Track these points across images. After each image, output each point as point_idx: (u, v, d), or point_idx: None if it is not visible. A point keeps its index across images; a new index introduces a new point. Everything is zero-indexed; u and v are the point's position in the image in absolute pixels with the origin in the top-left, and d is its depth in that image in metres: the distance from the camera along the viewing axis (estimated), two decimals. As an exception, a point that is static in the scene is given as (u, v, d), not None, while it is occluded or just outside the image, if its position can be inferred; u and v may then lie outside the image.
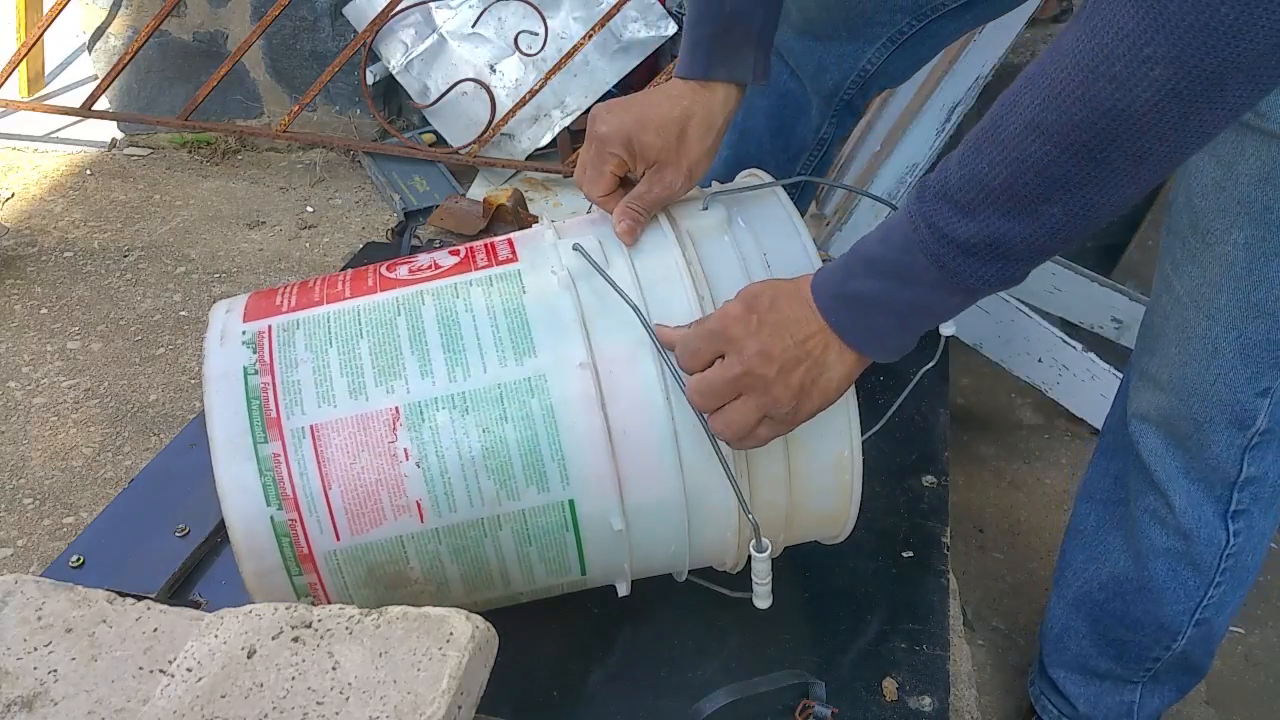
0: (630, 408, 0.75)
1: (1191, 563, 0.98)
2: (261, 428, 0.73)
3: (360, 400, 0.74)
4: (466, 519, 0.74)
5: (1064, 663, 1.15)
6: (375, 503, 0.73)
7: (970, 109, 1.60)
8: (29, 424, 1.71)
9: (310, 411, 0.74)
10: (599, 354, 0.75)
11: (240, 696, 0.60)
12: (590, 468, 0.74)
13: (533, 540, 0.76)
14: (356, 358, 0.75)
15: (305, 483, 0.72)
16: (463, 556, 0.76)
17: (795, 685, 0.83)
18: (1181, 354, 0.89)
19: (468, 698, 0.61)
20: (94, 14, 2.46)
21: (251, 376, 0.75)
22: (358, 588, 0.75)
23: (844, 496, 0.81)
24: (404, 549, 0.74)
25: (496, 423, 0.74)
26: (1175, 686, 1.13)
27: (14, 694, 0.62)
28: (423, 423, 0.73)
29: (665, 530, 0.78)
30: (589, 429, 0.74)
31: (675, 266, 0.79)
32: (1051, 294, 1.78)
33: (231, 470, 0.73)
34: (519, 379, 0.74)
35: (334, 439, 0.73)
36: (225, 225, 2.27)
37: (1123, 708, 1.13)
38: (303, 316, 0.79)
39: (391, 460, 0.73)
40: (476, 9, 2.32)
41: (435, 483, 0.73)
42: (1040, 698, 1.20)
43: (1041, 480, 1.67)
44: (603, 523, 0.76)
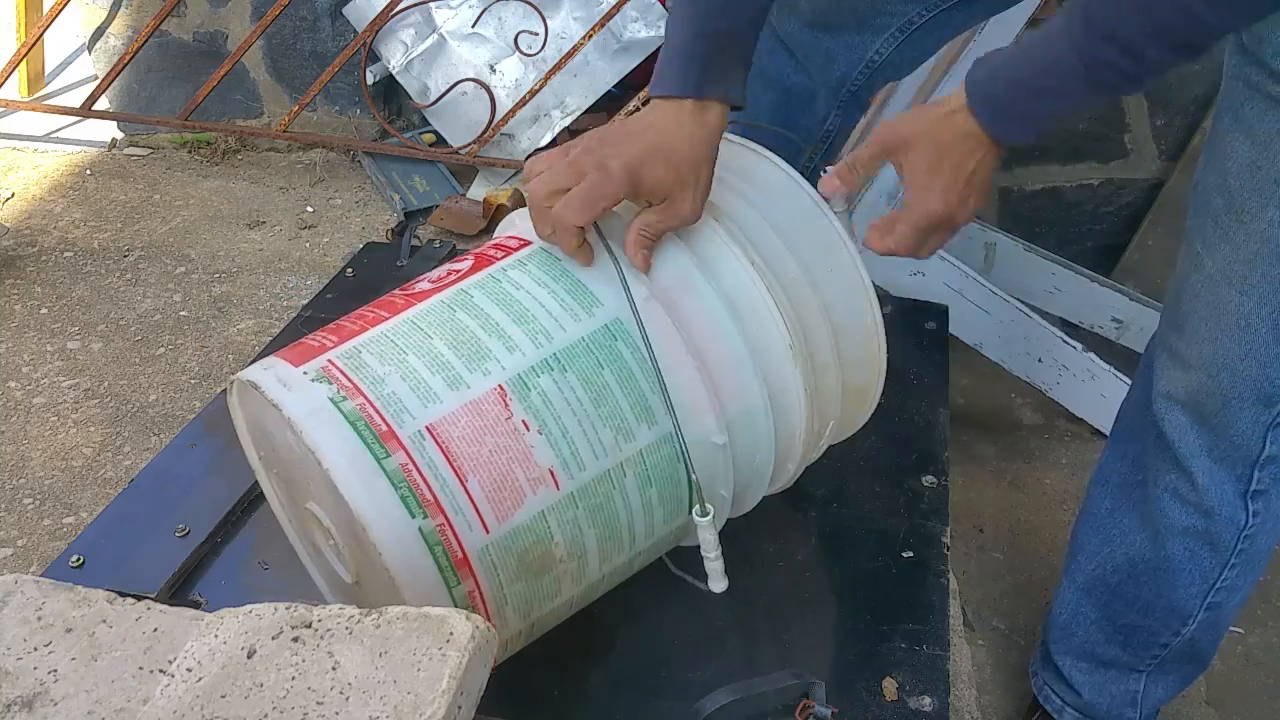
0: (702, 328, 0.79)
1: (1210, 542, 0.99)
2: (379, 444, 0.70)
3: (462, 389, 0.73)
4: (595, 474, 0.76)
5: (1070, 650, 1.15)
6: (512, 481, 0.73)
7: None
8: (29, 424, 1.71)
9: (419, 414, 0.72)
10: (657, 287, 0.79)
11: (240, 696, 0.60)
12: (685, 390, 0.78)
13: (653, 480, 0.79)
14: (439, 356, 0.74)
15: (442, 482, 0.70)
16: (598, 516, 0.77)
17: (795, 685, 0.83)
18: (1212, 330, 0.90)
19: (468, 698, 0.61)
20: (94, 14, 2.46)
21: (343, 403, 0.72)
22: (511, 584, 0.74)
23: (874, 367, 0.90)
24: (547, 523, 0.74)
25: (594, 370, 0.76)
26: (1179, 677, 1.14)
27: (14, 694, 0.62)
28: (529, 391, 0.74)
29: (755, 440, 0.82)
30: (674, 356, 0.77)
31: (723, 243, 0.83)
32: (1051, 294, 1.78)
33: (366, 494, 0.69)
34: (597, 328, 0.77)
35: (453, 431, 0.72)
36: (225, 225, 2.28)
37: (1127, 696, 1.13)
38: (359, 342, 0.76)
39: (515, 435, 0.73)
40: (476, 9, 2.32)
41: (560, 444, 0.74)
42: (1044, 688, 1.20)
43: (1041, 480, 1.67)
44: (707, 444, 0.79)
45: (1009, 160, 2.01)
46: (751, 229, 0.84)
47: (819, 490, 1.04)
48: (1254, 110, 0.82)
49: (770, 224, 0.85)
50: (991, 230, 1.83)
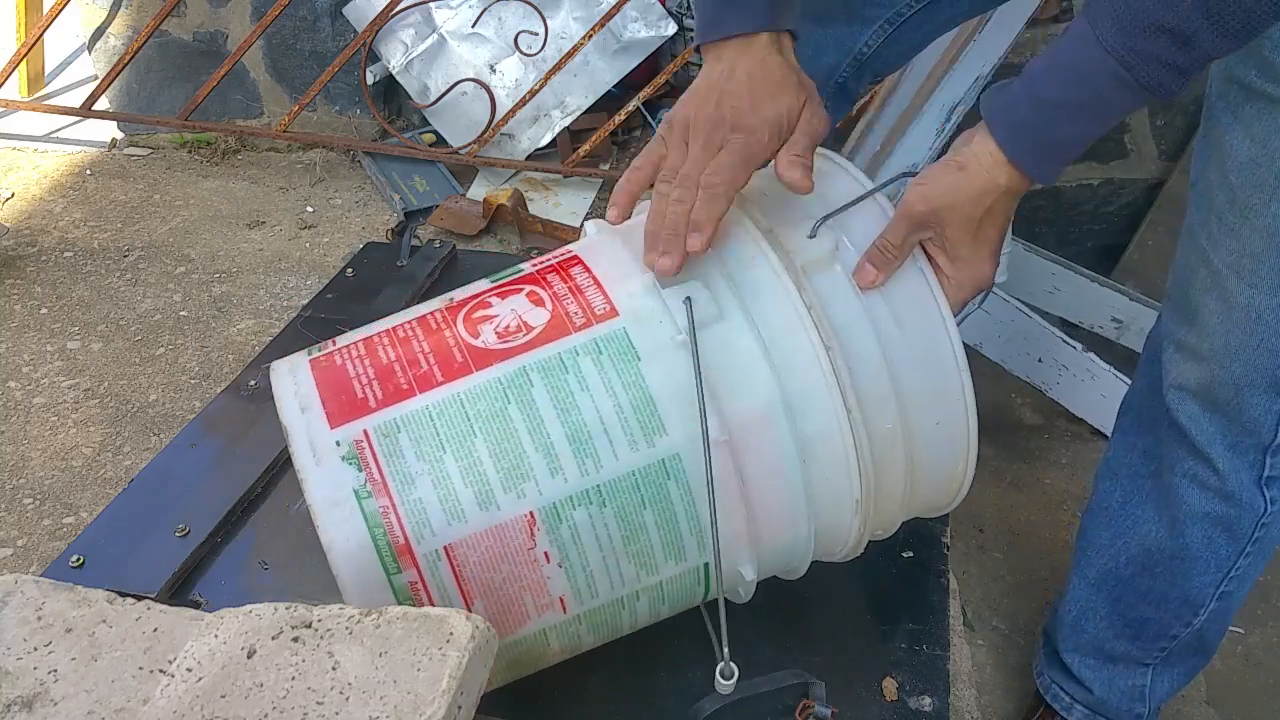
0: (763, 472, 0.73)
1: (1228, 528, 1.00)
2: (392, 557, 0.68)
3: (492, 510, 0.69)
4: (607, 600, 0.74)
5: (1079, 646, 1.16)
6: (519, 607, 0.72)
7: (971, 108, 1.60)
8: (29, 424, 1.71)
9: (440, 532, 0.69)
10: (731, 422, 0.72)
11: (240, 696, 0.60)
12: (726, 534, 0.73)
13: (666, 601, 0.77)
14: (477, 463, 0.70)
15: (447, 602, 0.70)
16: (600, 630, 0.77)
17: (795, 685, 0.83)
18: (1223, 323, 0.91)
19: (468, 698, 0.61)
20: (94, 14, 2.46)
21: (366, 500, 0.68)
22: (500, 674, 0.76)
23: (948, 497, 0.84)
24: (546, 638, 0.74)
25: (635, 510, 0.71)
26: (1185, 669, 1.14)
27: (14, 694, 0.62)
28: (560, 524, 0.70)
29: (787, 560, 0.81)
30: (725, 500, 0.72)
31: (795, 314, 0.74)
32: (1051, 294, 1.78)
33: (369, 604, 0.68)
34: (652, 462, 0.71)
35: (470, 555, 0.69)
36: (225, 225, 2.28)
37: (1135, 691, 1.14)
38: (399, 416, 0.71)
39: (533, 566, 0.70)
40: (476, 9, 2.32)
41: (577, 577, 0.72)
42: (1051, 686, 1.20)
43: (1041, 480, 1.67)
44: (733, 573, 0.78)
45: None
46: (863, 363, 0.74)
47: (819, 490, 1.04)
48: (1253, 109, 0.82)
49: (886, 356, 0.75)
50: (991, 230, 1.83)
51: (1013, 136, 0.71)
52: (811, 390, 0.72)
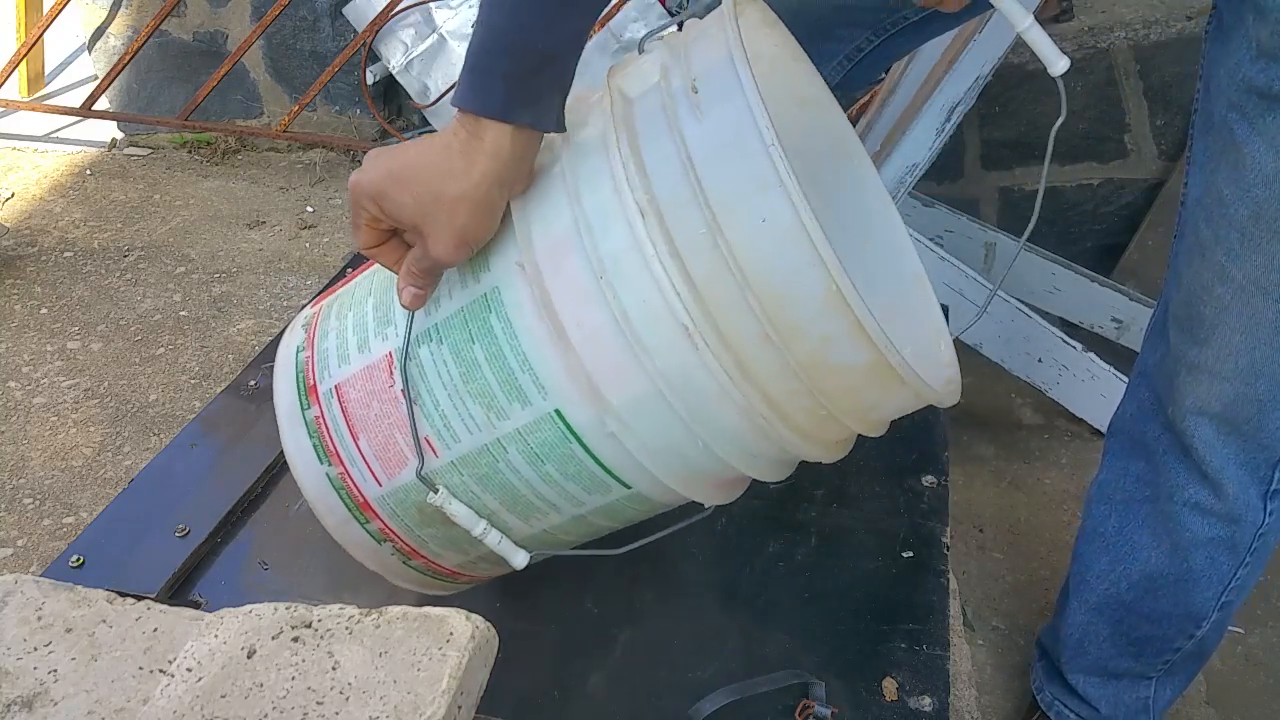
0: (574, 298, 0.68)
1: (1230, 547, 0.99)
2: (305, 396, 0.80)
3: (366, 353, 0.78)
4: (472, 447, 0.74)
5: (1084, 667, 1.15)
6: (393, 445, 0.76)
7: (970, 109, 1.60)
8: (29, 424, 1.71)
9: (334, 373, 0.79)
10: (536, 248, 0.70)
11: (240, 696, 0.60)
12: (556, 371, 0.70)
13: (544, 459, 0.74)
14: (364, 316, 0.80)
15: (340, 437, 0.77)
16: (490, 483, 0.75)
17: (795, 685, 0.83)
18: (1248, 341, 0.89)
19: (468, 698, 0.61)
20: (94, 14, 2.46)
21: (300, 354, 0.82)
22: (421, 528, 0.79)
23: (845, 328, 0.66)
24: (434, 485, 0.76)
25: (466, 345, 0.73)
26: (1186, 675, 1.14)
27: (14, 694, 0.62)
28: (410, 360, 0.75)
29: (671, 428, 0.71)
30: (544, 332, 0.69)
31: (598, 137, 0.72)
32: (1051, 294, 1.78)
33: (291, 438, 0.80)
34: (476, 296, 0.73)
35: (352, 393, 0.77)
36: (225, 225, 2.28)
37: (1139, 704, 1.13)
38: (341, 291, 0.85)
39: (395, 403, 0.76)
40: (476, 9, 2.32)
41: (433, 416, 0.74)
42: (1055, 704, 1.20)
43: (1041, 480, 1.67)
44: (600, 434, 0.71)
45: (1009, 160, 2.01)
46: (658, 160, 0.68)
47: (819, 490, 1.04)
48: (1276, 118, 0.80)
49: (686, 154, 0.67)
50: (991, 230, 1.84)
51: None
52: (606, 208, 0.68)
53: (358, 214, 0.71)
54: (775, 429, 0.71)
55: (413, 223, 0.69)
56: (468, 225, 0.69)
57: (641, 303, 0.67)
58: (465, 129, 0.68)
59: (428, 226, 0.68)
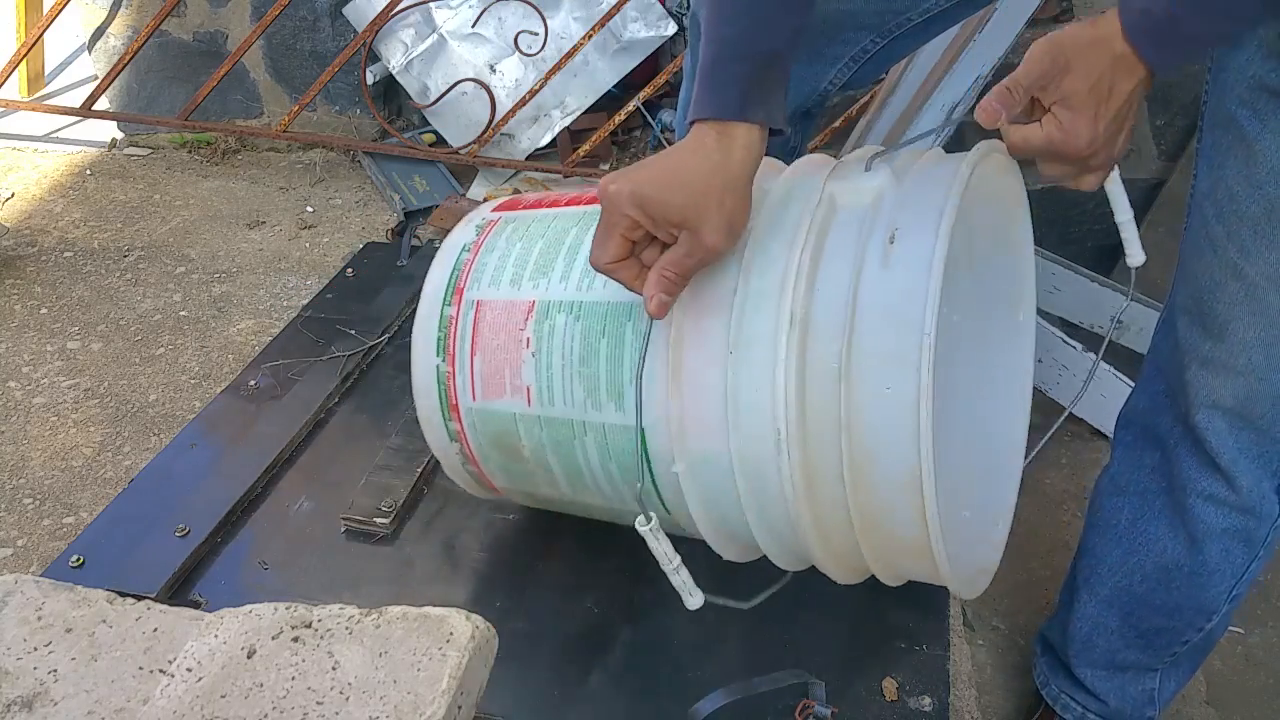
0: (701, 356, 0.76)
1: (1246, 539, 0.99)
2: (452, 292, 0.88)
3: (515, 289, 0.85)
4: (561, 415, 0.82)
5: (1092, 661, 1.15)
6: (500, 377, 0.85)
7: (970, 109, 1.60)
8: (29, 424, 1.71)
9: (482, 289, 0.87)
10: (691, 298, 0.77)
11: (240, 696, 0.60)
12: (658, 403, 0.77)
13: (613, 457, 0.82)
14: (529, 255, 0.87)
15: (462, 345, 0.86)
16: (560, 452, 0.84)
17: (795, 685, 0.83)
18: (1262, 336, 0.89)
19: (468, 698, 0.61)
20: (94, 14, 2.46)
21: (464, 253, 0.90)
22: (488, 447, 0.88)
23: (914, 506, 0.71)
24: (515, 425, 0.85)
25: (595, 336, 0.81)
26: (1191, 666, 1.14)
27: (14, 694, 0.62)
28: (546, 319, 0.83)
29: (722, 490, 0.78)
30: (663, 364, 0.77)
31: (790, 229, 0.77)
32: (1051, 294, 1.78)
33: (424, 324, 0.89)
34: (623, 301, 0.80)
35: (488, 315, 0.86)
36: (225, 225, 2.27)
37: (1145, 695, 1.14)
38: (522, 215, 0.92)
39: (517, 345, 0.84)
40: (476, 9, 2.32)
41: (542, 374, 0.82)
42: (1061, 697, 1.20)
43: (1041, 480, 1.67)
44: (666, 466, 0.79)
45: (1009, 160, 2.01)
46: (828, 284, 0.74)
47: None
48: None
49: (853, 293, 0.72)
50: (991, 230, 1.83)
51: (1135, 20, 0.72)
52: (766, 291, 0.74)
53: (614, 225, 0.73)
54: (810, 543, 0.77)
55: (681, 218, 0.72)
56: (735, 212, 0.73)
57: (753, 389, 0.73)
58: (713, 131, 0.73)
59: (698, 219, 0.72)
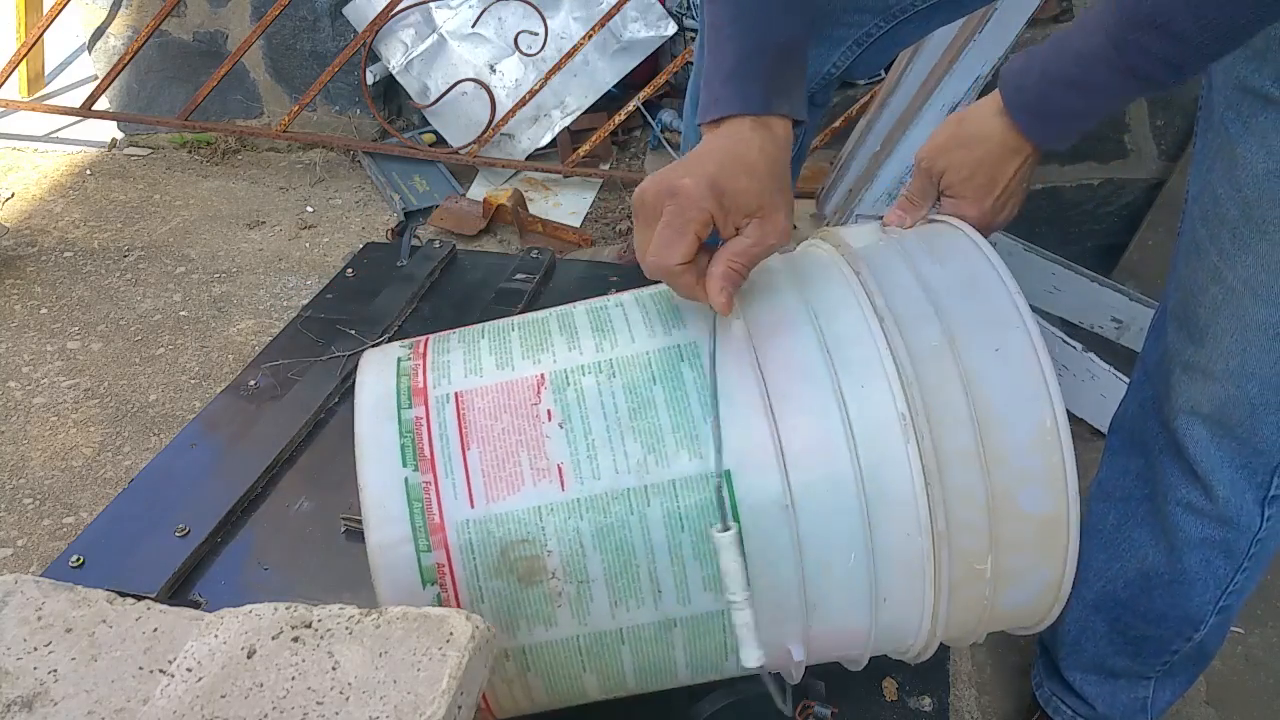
0: (787, 370, 0.70)
1: (1226, 551, 0.99)
2: (408, 395, 0.74)
3: (507, 370, 0.74)
4: (611, 488, 0.68)
5: (1081, 664, 1.15)
6: (514, 464, 0.69)
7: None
8: (29, 424, 1.71)
9: (456, 381, 0.74)
10: (750, 321, 0.72)
11: (240, 696, 0.60)
12: (746, 432, 0.68)
13: (685, 524, 0.68)
14: (507, 343, 0.77)
15: (444, 444, 0.71)
16: (606, 542, 0.68)
17: (795, 685, 0.83)
18: (1239, 343, 0.88)
19: (468, 698, 0.61)
20: (94, 14, 2.46)
21: (404, 361, 0.78)
22: (489, 576, 0.69)
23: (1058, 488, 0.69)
24: (541, 522, 0.68)
25: (645, 385, 0.71)
26: (1186, 677, 1.14)
27: (14, 694, 0.62)
28: (568, 386, 0.71)
29: (838, 523, 0.68)
30: (744, 391, 0.69)
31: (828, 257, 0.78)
32: (1051, 294, 1.78)
33: (373, 430, 0.72)
34: (668, 346, 0.72)
35: (477, 402, 0.72)
36: (225, 225, 2.27)
37: (1137, 704, 1.13)
38: (459, 330, 0.82)
39: (534, 420, 0.70)
40: (476, 9, 2.32)
41: (579, 444, 0.69)
42: (1052, 700, 1.20)
43: (1041, 480, 1.67)
44: (766, 504, 0.67)
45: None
46: (895, 286, 0.73)
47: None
48: (1269, 119, 0.80)
49: (926, 288, 0.73)
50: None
51: (1015, 95, 0.76)
52: (837, 300, 0.73)
53: (688, 220, 0.70)
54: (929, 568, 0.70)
55: (757, 205, 0.71)
56: (790, 202, 0.74)
57: (860, 387, 0.68)
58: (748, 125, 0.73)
59: (770, 206, 0.71)
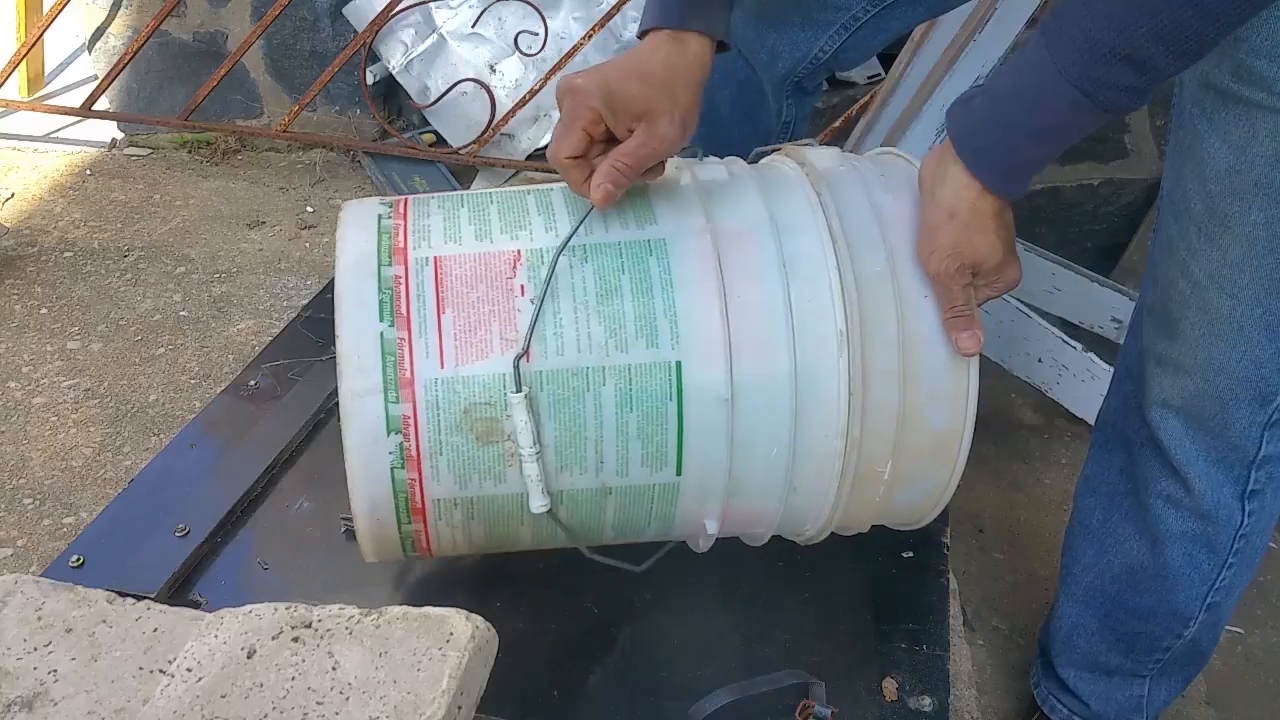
0: (745, 275, 0.75)
1: (1208, 545, 0.99)
2: (389, 254, 0.76)
3: (485, 243, 0.77)
4: (572, 364, 0.73)
5: (1074, 661, 1.15)
6: (485, 332, 0.74)
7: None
8: (29, 424, 1.71)
9: (436, 246, 0.77)
10: (717, 226, 0.77)
11: (240, 696, 0.60)
12: (700, 327, 0.74)
13: (634, 404, 0.74)
14: (486, 216, 0.79)
15: (421, 304, 0.74)
16: (561, 412, 0.74)
17: (795, 685, 0.83)
18: (1206, 335, 0.89)
19: (468, 698, 0.62)
20: (94, 14, 2.46)
21: (385, 220, 0.79)
22: (450, 432, 0.73)
23: (958, 409, 0.80)
24: (504, 390, 0.73)
25: (614, 273, 0.75)
26: (1182, 677, 1.14)
27: (14, 694, 0.62)
28: (542, 264, 0.75)
29: (770, 418, 0.76)
30: (703, 289, 0.75)
31: (791, 172, 0.82)
32: (1051, 294, 1.78)
33: (352, 285, 0.75)
34: (639, 239, 0.77)
35: (454, 269, 0.76)
36: (225, 225, 2.27)
37: (1132, 702, 1.13)
38: (439, 194, 0.84)
39: (508, 293, 0.74)
40: (476, 9, 2.32)
41: (547, 321, 0.74)
42: (1048, 698, 1.20)
43: (1041, 480, 1.67)
44: (709, 395, 0.74)
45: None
46: (852, 211, 0.79)
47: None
48: (1230, 114, 0.81)
49: (879, 217, 0.79)
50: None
51: (979, 159, 0.75)
52: (798, 217, 0.78)
53: (577, 117, 0.76)
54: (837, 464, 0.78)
55: (644, 109, 0.75)
56: (688, 109, 0.78)
57: (808, 299, 0.75)
58: (665, 37, 0.78)
59: (656, 112, 0.76)
